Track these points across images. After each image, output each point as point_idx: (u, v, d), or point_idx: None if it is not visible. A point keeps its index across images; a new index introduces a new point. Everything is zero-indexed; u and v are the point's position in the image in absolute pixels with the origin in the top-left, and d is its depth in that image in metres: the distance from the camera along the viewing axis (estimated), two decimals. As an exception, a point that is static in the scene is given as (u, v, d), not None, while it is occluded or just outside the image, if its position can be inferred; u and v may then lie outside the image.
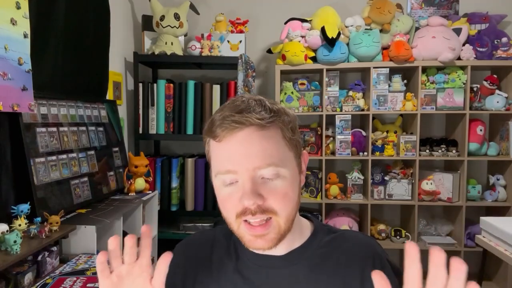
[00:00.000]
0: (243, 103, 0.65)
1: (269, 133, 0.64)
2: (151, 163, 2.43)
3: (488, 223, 1.88)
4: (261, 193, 0.63)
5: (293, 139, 0.67)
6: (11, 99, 1.37)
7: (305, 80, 2.69)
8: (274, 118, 0.64)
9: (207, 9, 2.83)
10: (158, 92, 2.55)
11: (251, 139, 0.63)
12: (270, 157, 0.63)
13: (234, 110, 0.64)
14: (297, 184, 0.68)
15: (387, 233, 2.70)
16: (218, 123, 0.64)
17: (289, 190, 0.65)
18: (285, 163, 0.65)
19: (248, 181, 0.62)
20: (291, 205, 0.66)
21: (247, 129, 0.62)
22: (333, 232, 0.75)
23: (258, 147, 0.62)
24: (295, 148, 0.68)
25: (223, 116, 0.63)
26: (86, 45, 1.99)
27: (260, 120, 0.62)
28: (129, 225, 1.99)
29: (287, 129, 0.66)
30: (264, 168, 0.62)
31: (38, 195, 1.46)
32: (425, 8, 2.84)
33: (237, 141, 0.63)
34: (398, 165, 2.72)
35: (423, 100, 2.57)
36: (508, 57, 2.49)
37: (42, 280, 1.24)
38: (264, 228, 0.64)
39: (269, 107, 0.66)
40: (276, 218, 0.64)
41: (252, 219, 0.63)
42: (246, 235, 0.65)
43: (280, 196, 0.64)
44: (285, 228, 0.65)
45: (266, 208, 0.63)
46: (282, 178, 0.64)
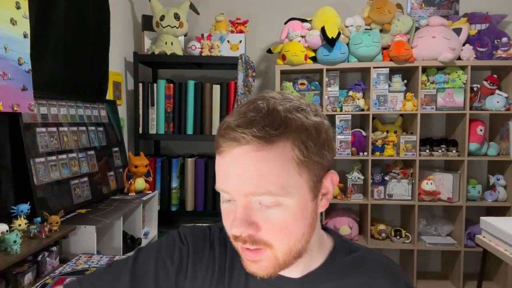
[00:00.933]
0: (252, 111, 0.55)
1: (270, 154, 0.53)
2: (151, 163, 2.43)
3: (488, 223, 1.87)
4: (256, 221, 0.54)
5: (306, 161, 0.55)
6: (11, 99, 1.37)
7: (305, 80, 2.69)
8: (281, 135, 0.53)
9: (207, 9, 2.83)
10: (158, 92, 2.55)
11: (247, 160, 0.53)
12: (268, 184, 0.53)
13: (237, 120, 0.54)
14: (306, 213, 0.57)
15: (387, 233, 2.70)
16: (221, 132, 0.56)
17: (290, 222, 0.55)
18: (289, 191, 0.54)
19: (241, 206, 0.54)
20: (292, 238, 0.56)
21: (243, 147, 0.53)
22: (354, 251, 0.67)
23: (253, 172, 0.53)
24: (309, 171, 0.56)
25: (227, 125, 0.55)
26: (86, 45, 1.98)
27: (259, 138, 0.52)
28: (129, 225, 1.99)
29: (299, 149, 0.54)
30: (259, 195, 0.53)
31: (38, 195, 1.46)
32: (425, 8, 2.84)
33: (232, 160, 0.54)
34: (398, 165, 2.72)
35: (423, 100, 2.57)
36: (508, 57, 2.49)
37: (42, 280, 1.23)
38: (255, 254, 0.56)
39: (281, 119, 0.54)
40: (270, 250, 0.56)
41: (243, 246, 0.56)
42: (243, 257, 0.59)
43: (277, 229, 0.55)
44: (284, 260, 0.57)
45: (258, 240, 0.55)
46: (283, 207, 0.54)
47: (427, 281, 2.72)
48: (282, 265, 0.57)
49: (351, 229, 2.64)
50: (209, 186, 2.57)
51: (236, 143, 0.53)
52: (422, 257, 2.75)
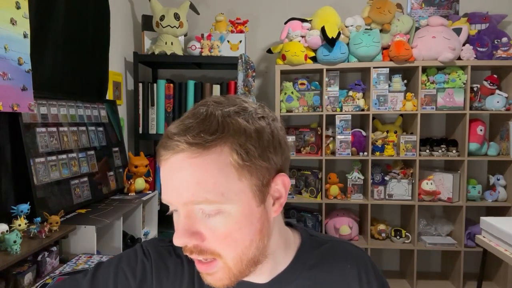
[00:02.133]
0: (191, 117, 0.54)
1: (206, 160, 0.51)
2: (151, 163, 2.43)
3: (488, 223, 1.87)
4: (199, 230, 0.52)
5: (246, 166, 0.52)
6: (11, 99, 1.37)
7: (305, 80, 2.69)
8: (218, 140, 0.51)
9: (207, 9, 2.83)
10: (158, 92, 2.55)
11: (182, 168, 0.51)
12: (205, 191, 0.51)
13: (175, 128, 0.53)
14: (252, 219, 0.54)
15: (387, 233, 2.70)
16: (161, 141, 0.54)
17: (234, 230, 0.52)
18: (228, 198, 0.51)
19: (182, 216, 0.53)
20: (238, 247, 0.53)
21: (178, 155, 0.51)
22: (322, 244, 0.67)
23: (189, 179, 0.51)
24: (251, 175, 0.53)
25: (166, 134, 0.54)
26: (86, 45, 1.98)
27: (193, 145, 0.50)
28: (129, 225, 1.99)
29: (238, 153, 0.51)
30: (198, 203, 0.51)
31: (38, 195, 1.46)
32: (425, 8, 2.83)
33: (169, 169, 0.53)
34: (398, 165, 2.72)
35: (423, 100, 2.56)
36: (508, 57, 2.49)
37: (42, 280, 1.23)
38: (207, 266, 0.54)
39: (219, 123, 0.52)
40: (220, 259, 0.53)
41: (191, 257, 0.54)
42: (197, 268, 0.57)
43: (221, 237, 0.52)
44: (238, 269, 0.54)
45: (205, 249, 0.53)
46: (225, 215, 0.52)
47: (427, 281, 2.72)
48: (237, 275, 0.55)
49: (351, 229, 2.64)
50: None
51: (172, 152, 0.52)
52: (422, 257, 2.75)
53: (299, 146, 2.75)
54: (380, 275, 0.68)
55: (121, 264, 0.64)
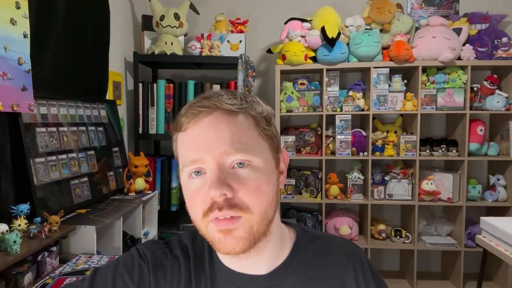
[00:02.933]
0: (211, 92, 0.61)
1: (239, 119, 0.58)
2: (151, 163, 2.43)
3: (489, 223, 1.87)
4: (231, 183, 0.55)
5: (267, 130, 0.61)
6: (11, 99, 1.37)
7: (305, 80, 2.69)
8: (246, 105, 0.60)
9: (207, 9, 2.83)
10: (158, 92, 2.55)
11: (219, 123, 0.57)
12: (240, 143, 0.56)
13: (200, 97, 0.60)
14: (273, 179, 0.60)
15: (387, 233, 2.70)
16: (183, 112, 0.59)
17: (263, 183, 0.58)
18: (258, 152, 0.58)
19: (215, 169, 0.56)
20: (265, 200, 0.58)
21: (214, 113, 0.57)
22: (317, 239, 0.70)
23: (226, 132, 0.56)
24: (270, 140, 0.61)
25: (189, 104, 0.60)
26: (86, 45, 1.98)
27: (229, 105, 0.58)
28: (129, 225, 1.99)
29: (261, 119, 0.60)
30: (233, 154, 0.56)
31: (38, 195, 1.46)
32: (425, 8, 2.83)
33: (203, 127, 0.57)
34: (398, 165, 2.72)
35: (423, 100, 2.56)
36: (508, 57, 2.49)
37: (42, 280, 1.23)
38: (231, 221, 0.55)
39: (241, 97, 0.61)
40: (247, 216, 0.56)
41: (220, 215, 0.55)
42: (215, 234, 0.57)
43: (252, 189, 0.56)
44: (258, 228, 0.57)
45: (235, 203, 0.55)
46: (254, 168, 0.57)
47: (427, 281, 2.72)
48: (255, 236, 0.57)
49: (351, 229, 2.64)
50: (209, 186, 2.57)
51: (207, 111, 0.57)
52: (422, 257, 2.75)
53: (299, 146, 2.75)
54: (373, 268, 0.70)
55: (118, 269, 0.65)
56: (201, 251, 0.67)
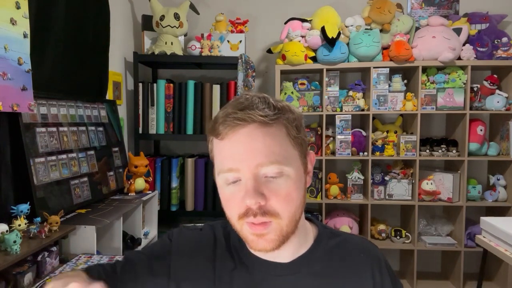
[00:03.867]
0: (246, 101, 0.64)
1: (272, 130, 0.62)
2: (151, 163, 2.43)
3: (489, 223, 1.87)
4: (264, 192, 0.61)
5: (298, 137, 0.66)
6: (11, 99, 1.37)
7: (305, 80, 2.69)
8: (278, 115, 0.63)
9: (207, 9, 2.83)
10: (158, 92, 2.55)
11: (254, 136, 0.61)
12: (274, 154, 0.61)
13: (236, 107, 0.63)
14: (302, 184, 0.67)
15: (387, 233, 2.70)
16: (220, 120, 0.63)
17: (293, 190, 0.64)
18: (289, 162, 0.63)
19: (251, 179, 0.61)
20: (294, 205, 0.64)
21: (249, 126, 0.61)
22: (336, 236, 0.75)
23: (261, 144, 0.61)
24: (300, 147, 0.66)
25: (226, 113, 0.63)
26: (86, 45, 1.98)
27: (263, 117, 0.61)
28: (129, 225, 1.99)
29: (292, 127, 0.65)
30: (267, 165, 0.61)
31: (38, 195, 1.46)
32: (425, 8, 2.83)
33: (239, 138, 0.62)
34: (398, 165, 2.72)
35: (423, 100, 2.56)
36: (508, 57, 2.49)
37: (42, 280, 1.23)
38: (263, 226, 0.62)
39: (273, 104, 0.65)
40: (277, 221, 0.62)
41: (254, 221, 0.62)
42: (249, 235, 0.64)
43: (282, 197, 0.62)
44: (287, 230, 0.64)
45: (267, 210, 0.61)
46: (285, 177, 0.62)
47: (427, 281, 2.72)
48: (284, 237, 0.64)
49: (351, 229, 2.64)
50: (209, 186, 2.57)
51: (242, 124, 0.61)
52: (422, 257, 2.75)
53: (299, 146, 2.74)
54: (390, 268, 0.75)
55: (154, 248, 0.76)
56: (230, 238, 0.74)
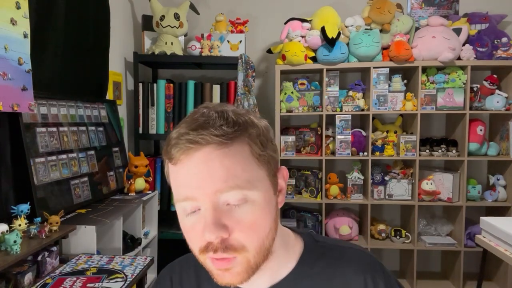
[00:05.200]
0: (202, 116, 0.56)
1: (232, 150, 0.54)
2: (151, 163, 2.43)
3: (488, 223, 1.87)
4: (226, 223, 0.53)
5: (263, 155, 0.57)
6: (11, 99, 1.37)
7: (305, 80, 2.69)
8: (238, 132, 0.55)
9: (207, 9, 2.83)
10: (158, 92, 2.55)
11: (210, 159, 0.53)
12: (234, 178, 0.53)
13: (190, 127, 0.54)
14: (271, 208, 0.58)
15: (387, 233, 2.70)
16: (173, 142, 0.55)
17: (259, 218, 0.55)
18: (254, 185, 0.55)
19: (209, 210, 0.53)
20: (261, 235, 0.56)
21: (204, 148, 0.53)
22: (328, 249, 0.66)
23: (218, 168, 0.53)
24: (267, 165, 0.58)
25: (178, 134, 0.55)
26: (86, 45, 1.99)
27: (220, 136, 0.53)
28: (129, 225, 1.99)
29: (256, 144, 0.56)
30: (227, 191, 0.53)
31: (38, 195, 1.46)
32: (425, 8, 2.84)
33: (194, 163, 0.54)
34: (398, 165, 2.72)
35: (423, 100, 2.56)
36: (508, 57, 2.49)
37: (42, 280, 1.24)
38: (227, 262, 0.55)
39: (233, 119, 0.56)
40: (242, 254, 0.55)
41: (214, 256, 0.55)
42: (213, 270, 0.57)
43: (247, 227, 0.54)
44: (255, 261, 0.56)
45: (230, 245, 0.54)
46: (250, 203, 0.54)
47: (427, 281, 2.72)
48: (254, 268, 0.56)
49: (351, 229, 2.64)
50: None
51: (196, 147, 0.53)
52: (422, 257, 2.75)
53: (299, 146, 2.75)
54: (391, 281, 0.65)
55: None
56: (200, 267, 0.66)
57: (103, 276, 1.28)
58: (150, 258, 1.48)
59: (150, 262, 1.46)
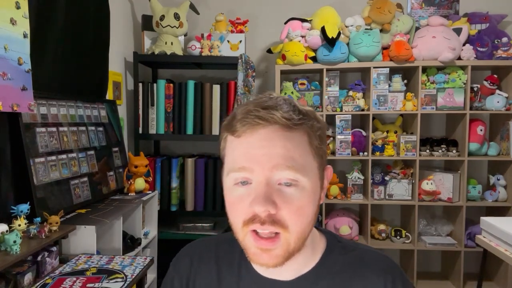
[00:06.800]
0: (270, 100, 0.60)
1: (294, 135, 0.57)
2: (151, 163, 2.43)
3: (489, 223, 1.87)
4: (275, 200, 0.56)
5: (320, 148, 0.60)
6: (11, 99, 1.37)
7: (305, 80, 2.69)
8: (302, 120, 0.58)
9: (207, 9, 2.83)
10: (158, 92, 2.55)
11: (274, 138, 0.56)
12: (292, 160, 0.56)
13: (259, 105, 0.58)
14: (316, 199, 0.60)
15: (387, 233, 2.70)
16: (239, 117, 0.58)
17: (305, 203, 0.58)
18: (306, 172, 0.58)
19: (263, 183, 0.56)
20: (305, 221, 0.58)
21: (271, 126, 0.57)
22: (349, 250, 0.68)
23: (280, 148, 0.56)
24: (320, 159, 0.61)
25: (247, 110, 0.58)
26: (86, 45, 1.98)
27: (287, 120, 0.57)
28: (128, 225, 1.99)
29: (315, 136, 0.60)
30: (283, 170, 0.56)
31: (38, 195, 1.46)
32: (425, 8, 2.83)
33: (258, 138, 0.57)
34: (398, 165, 2.72)
35: (423, 100, 2.56)
36: (508, 57, 2.49)
37: (42, 280, 1.23)
38: (271, 242, 0.57)
39: (299, 108, 0.60)
40: (285, 234, 0.57)
41: (260, 229, 0.56)
42: (251, 248, 0.58)
43: (294, 209, 0.56)
44: (294, 246, 0.58)
45: (277, 220, 0.56)
46: (300, 188, 0.57)
47: (427, 281, 2.72)
48: (290, 254, 0.58)
49: (351, 229, 2.64)
50: (209, 186, 2.57)
51: (263, 124, 0.56)
52: (422, 257, 2.75)
53: (299, 146, 2.74)
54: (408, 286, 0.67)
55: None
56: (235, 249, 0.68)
57: (103, 276, 1.28)
58: (150, 258, 1.48)
59: (150, 262, 1.46)
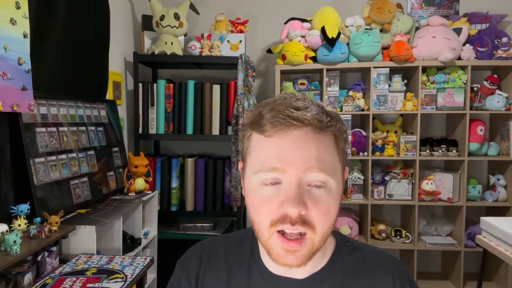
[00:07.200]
0: (299, 101, 0.60)
1: (324, 137, 0.58)
2: (151, 163, 2.43)
3: (489, 223, 1.87)
4: (306, 201, 0.56)
5: (344, 151, 0.62)
6: (10, 99, 1.37)
7: (305, 80, 2.69)
8: (331, 123, 0.59)
9: (207, 9, 2.83)
10: (158, 92, 2.55)
11: (307, 139, 0.57)
12: (323, 162, 0.57)
13: (289, 105, 0.58)
14: (339, 200, 0.61)
15: (387, 233, 2.70)
16: (269, 116, 0.57)
17: (332, 205, 0.59)
18: (334, 174, 0.59)
19: (295, 184, 0.56)
20: (330, 222, 0.59)
21: (304, 128, 0.57)
22: (357, 250, 0.70)
23: (313, 149, 0.57)
24: (343, 161, 0.62)
25: (277, 110, 0.58)
26: (86, 45, 1.98)
27: (318, 121, 0.57)
28: (128, 225, 1.99)
29: (342, 139, 0.61)
30: (316, 172, 0.56)
31: (38, 195, 1.46)
32: (425, 8, 2.83)
33: (292, 139, 0.57)
34: (398, 165, 2.72)
35: (423, 100, 2.56)
36: (508, 57, 2.49)
37: (42, 280, 1.23)
38: (299, 244, 0.57)
39: (326, 110, 0.61)
40: (311, 235, 0.57)
41: (290, 229, 0.56)
42: (276, 248, 0.58)
43: (322, 210, 0.57)
44: (318, 246, 0.59)
45: (306, 220, 0.56)
46: (328, 189, 0.58)
47: (427, 281, 2.72)
48: (314, 253, 0.59)
49: (351, 229, 2.64)
50: (209, 186, 2.57)
51: (297, 125, 0.56)
52: (422, 257, 2.75)
53: (299, 146, 2.74)
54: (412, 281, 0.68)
55: None
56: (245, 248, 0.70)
57: (103, 276, 1.28)
58: (150, 258, 1.48)
59: (150, 262, 1.46)
